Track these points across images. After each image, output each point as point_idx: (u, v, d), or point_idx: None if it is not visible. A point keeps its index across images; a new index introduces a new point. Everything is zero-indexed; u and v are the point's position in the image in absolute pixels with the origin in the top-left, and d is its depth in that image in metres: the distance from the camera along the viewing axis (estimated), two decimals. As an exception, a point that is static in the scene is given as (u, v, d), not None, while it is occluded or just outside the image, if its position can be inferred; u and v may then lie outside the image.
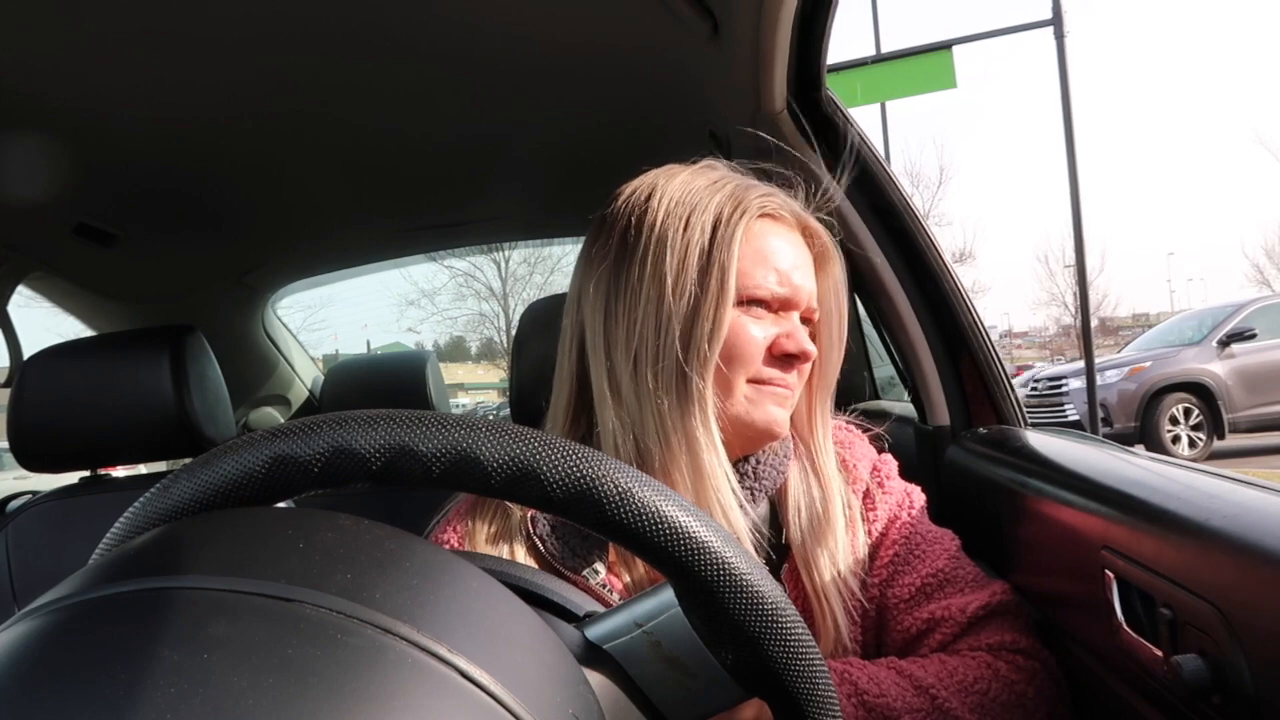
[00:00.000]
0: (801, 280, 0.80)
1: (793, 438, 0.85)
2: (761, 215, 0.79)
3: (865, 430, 0.91)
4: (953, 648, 0.76)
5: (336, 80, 1.25)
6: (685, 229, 0.77)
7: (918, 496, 0.86)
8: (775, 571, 0.79)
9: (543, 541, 0.77)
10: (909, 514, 0.83)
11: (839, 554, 0.78)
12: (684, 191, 0.79)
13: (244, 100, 1.29)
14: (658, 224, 0.77)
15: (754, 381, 0.78)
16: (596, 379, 0.78)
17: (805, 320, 0.81)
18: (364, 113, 1.39)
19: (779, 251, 0.79)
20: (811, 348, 0.79)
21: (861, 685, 0.69)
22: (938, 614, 0.77)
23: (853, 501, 0.82)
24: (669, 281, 0.75)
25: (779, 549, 0.80)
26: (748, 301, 0.77)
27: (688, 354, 0.74)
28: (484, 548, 0.77)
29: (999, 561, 0.89)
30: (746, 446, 0.81)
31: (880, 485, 0.85)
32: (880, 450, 0.90)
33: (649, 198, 0.79)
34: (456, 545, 0.79)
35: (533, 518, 0.78)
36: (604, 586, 0.75)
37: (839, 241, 0.85)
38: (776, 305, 0.79)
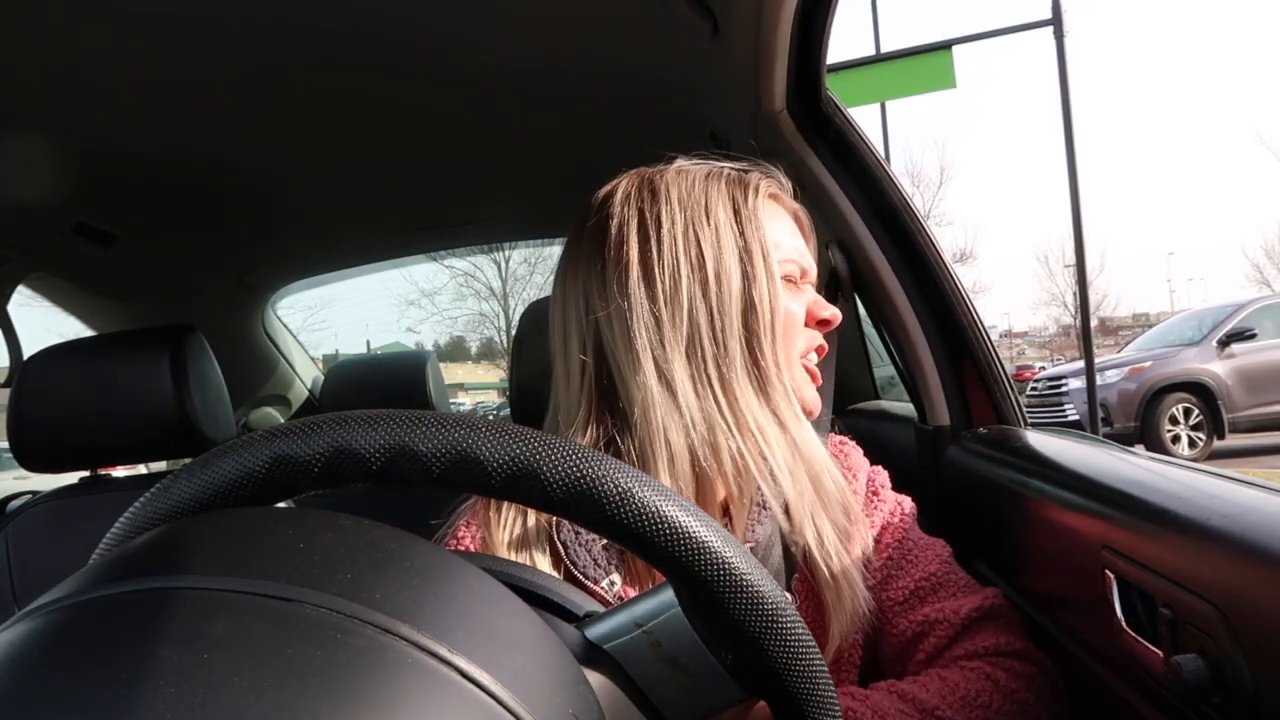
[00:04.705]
0: (807, 252, 0.84)
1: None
2: (768, 195, 0.83)
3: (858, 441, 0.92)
4: (948, 653, 0.76)
5: (336, 80, 1.25)
6: (708, 215, 0.76)
7: (908, 505, 0.87)
8: (787, 577, 0.78)
9: (565, 548, 0.74)
10: (900, 520, 0.84)
11: (842, 548, 0.78)
12: (689, 181, 0.79)
13: (244, 100, 1.29)
14: (677, 214, 0.76)
15: (803, 357, 0.81)
16: (632, 377, 0.73)
17: None
18: (364, 112, 1.39)
19: (788, 228, 0.83)
20: (838, 312, 0.83)
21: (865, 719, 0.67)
22: (932, 616, 0.77)
23: (852, 504, 0.82)
24: (710, 269, 0.74)
25: (785, 550, 0.80)
26: (781, 279, 0.80)
27: (750, 337, 0.75)
28: (502, 553, 0.74)
29: (999, 561, 0.89)
30: None
31: (875, 494, 0.86)
32: (872, 463, 0.90)
33: (653, 190, 0.78)
34: (470, 548, 0.76)
35: (556, 524, 0.74)
36: (618, 599, 0.73)
37: (839, 241, 0.86)
38: (800, 278, 0.82)
